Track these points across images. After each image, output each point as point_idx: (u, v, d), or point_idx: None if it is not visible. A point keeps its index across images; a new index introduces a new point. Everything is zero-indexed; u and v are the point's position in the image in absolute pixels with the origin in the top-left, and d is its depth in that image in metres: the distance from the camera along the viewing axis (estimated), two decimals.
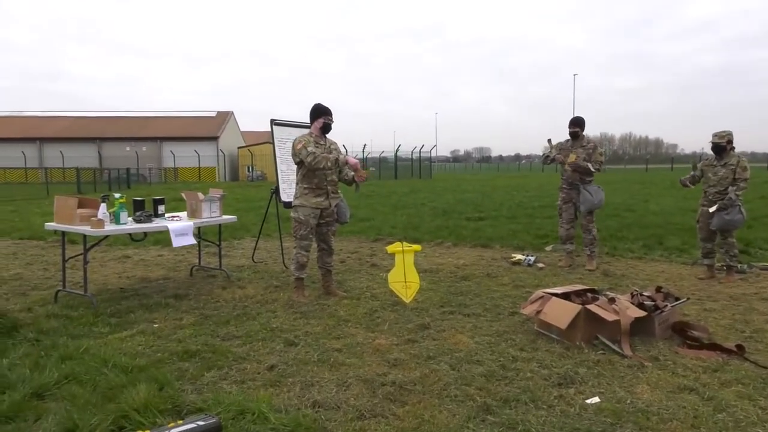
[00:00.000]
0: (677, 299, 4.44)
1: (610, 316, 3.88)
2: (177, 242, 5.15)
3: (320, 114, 5.19)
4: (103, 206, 5.01)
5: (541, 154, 7.18)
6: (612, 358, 3.64)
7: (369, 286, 5.77)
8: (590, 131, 7.32)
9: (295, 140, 5.13)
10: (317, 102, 5.27)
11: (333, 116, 5.24)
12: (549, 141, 6.79)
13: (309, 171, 5.09)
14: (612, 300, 4.12)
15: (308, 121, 5.33)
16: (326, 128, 5.22)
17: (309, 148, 4.98)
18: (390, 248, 4.88)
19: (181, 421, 2.68)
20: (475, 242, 8.50)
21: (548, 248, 7.91)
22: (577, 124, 6.68)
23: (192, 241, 5.30)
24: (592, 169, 6.48)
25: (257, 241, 7.69)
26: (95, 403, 2.95)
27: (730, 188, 5.82)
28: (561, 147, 6.76)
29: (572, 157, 6.56)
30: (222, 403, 2.93)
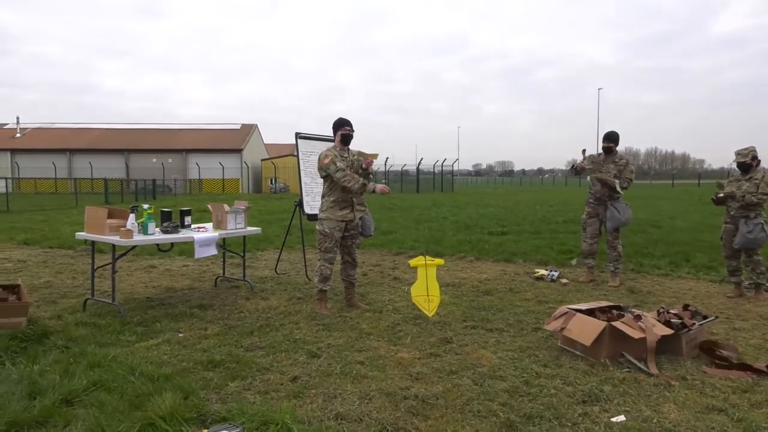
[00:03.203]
0: (705, 317, 4.35)
1: (636, 334, 3.83)
2: (199, 253, 5.22)
3: (340, 126, 5.27)
4: (132, 217, 5.09)
5: (564, 167, 7.14)
6: (638, 377, 3.58)
7: (391, 299, 5.76)
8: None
9: (321, 154, 5.19)
10: (340, 117, 5.38)
11: (352, 127, 5.30)
12: (584, 151, 6.73)
13: (335, 184, 5.13)
14: (638, 317, 4.07)
15: (331, 135, 5.42)
16: (346, 139, 5.27)
17: (338, 164, 5.05)
18: (412, 262, 4.90)
19: (206, 431, 2.72)
20: (497, 257, 8.46)
21: (572, 262, 7.84)
22: (611, 139, 6.61)
23: (214, 251, 5.34)
24: (618, 189, 6.42)
25: (280, 253, 7.73)
26: (122, 410, 3.00)
27: (747, 195, 5.73)
28: (593, 160, 6.70)
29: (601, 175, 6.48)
30: (246, 413, 2.96)
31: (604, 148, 6.65)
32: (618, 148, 6.60)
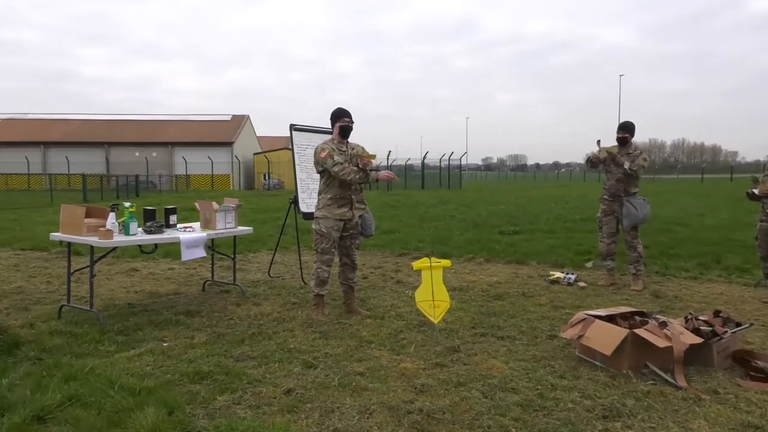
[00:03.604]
0: (738, 325, 4.33)
1: (661, 342, 3.81)
2: (187, 255, 5.23)
3: (338, 117, 5.28)
4: (112, 216, 5.08)
5: (582, 161, 7.18)
6: (664, 390, 3.57)
7: (394, 304, 5.78)
8: (637, 137, 7.21)
9: (317, 147, 5.21)
10: (338, 107, 5.39)
11: (352, 118, 5.31)
12: (598, 142, 6.74)
13: (332, 180, 5.15)
14: (663, 324, 4.05)
15: (329, 127, 5.44)
16: (345, 131, 5.28)
17: (335, 157, 5.06)
18: (417, 264, 4.89)
19: None
20: (509, 258, 8.47)
21: (588, 264, 7.86)
22: (626, 129, 6.64)
23: (202, 253, 5.37)
24: (626, 166, 6.42)
25: (274, 255, 7.74)
26: (100, 427, 2.99)
27: None
28: (607, 152, 6.70)
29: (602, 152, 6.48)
30: (236, 430, 2.96)
31: (618, 138, 6.68)
32: (641, 140, 6.79)
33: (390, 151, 39.42)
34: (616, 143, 6.74)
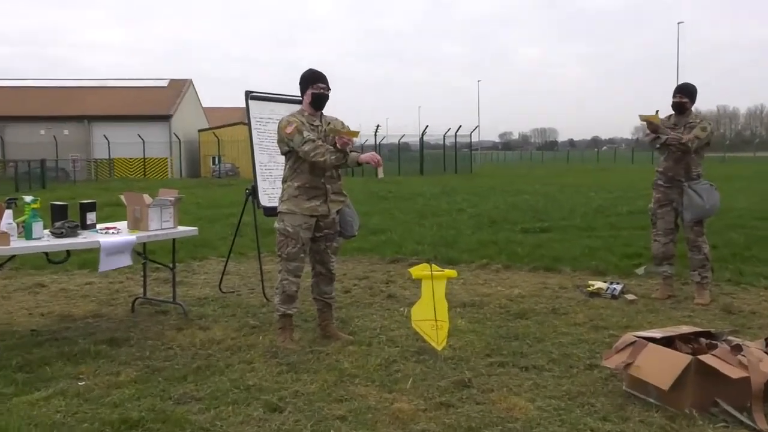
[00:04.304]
0: None
1: (734, 372, 3.81)
2: (106, 264, 5.24)
3: (310, 82, 5.28)
4: (8, 214, 5.03)
5: (630, 136, 7.20)
6: None
7: (384, 326, 5.80)
8: (701, 105, 7.28)
9: (281, 121, 5.22)
10: (309, 68, 5.37)
11: (328, 83, 5.32)
12: (656, 113, 6.76)
13: (301, 164, 5.17)
14: (737, 348, 4.05)
15: (299, 95, 5.44)
16: (318, 101, 5.29)
17: (305, 134, 5.06)
18: (414, 272, 4.90)
19: None
20: (535, 264, 8.50)
21: (639, 271, 7.91)
22: (685, 92, 6.69)
23: (129, 261, 5.38)
24: (686, 142, 6.43)
25: (226, 263, 7.67)
26: None
27: None
28: (663, 124, 6.76)
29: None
30: None
31: (674, 104, 6.74)
32: (706, 108, 6.97)
33: (378, 126, 39.32)
34: (672, 112, 6.79)
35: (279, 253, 5.26)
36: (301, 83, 5.34)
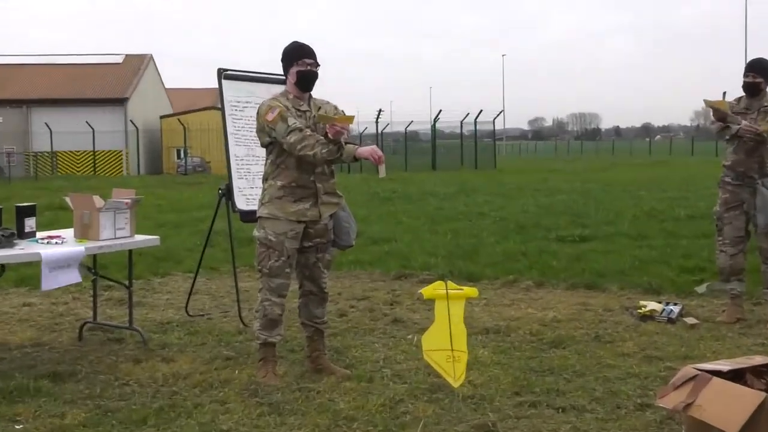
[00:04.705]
0: None
1: None
2: (49, 282, 5.23)
3: (294, 58, 5.26)
4: None
5: (689, 123, 7.17)
6: None
7: (389, 357, 5.78)
8: None
9: (261, 106, 5.21)
10: (293, 41, 5.38)
11: (317, 59, 5.31)
12: (723, 96, 6.70)
13: (286, 158, 5.15)
14: None
15: (282, 73, 5.45)
16: (305, 80, 5.26)
17: (291, 121, 5.03)
18: (426, 291, 4.78)
19: None
20: (573, 281, 8.48)
21: (700, 289, 7.85)
22: (758, 70, 6.66)
23: (74, 278, 5.38)
24: (759, 130, 6.42)
25: (195, 280, 7.64)
26: None
27: None
28: (731, 109, 6.75)
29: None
30: None
31: (745, 85, 6.74)
32: None
33: (381, 111, 39.23)
34: (742, 94, 6.80)
35: (259, 268, 5.24)
36: (283, 60, 5.33)
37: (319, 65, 5.30)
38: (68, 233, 5.91)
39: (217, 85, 6.69)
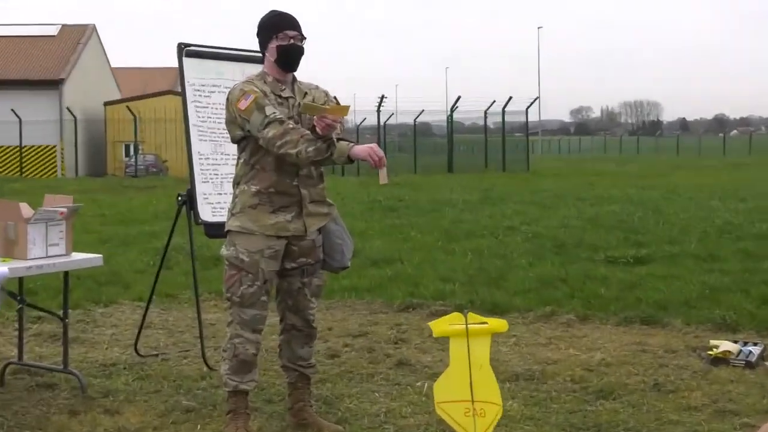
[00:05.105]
0: None
1: None
2: None
3: (272, 31, 5.19)
4: None
5: None
6: None
7: (392, 410, 5.69)
8: None
9: (233, 91, 5.14)
10: (271, 10, 5.33)
11: (302, 31, 5.25)
12: None
13: (262, 157, 5.08)
14: None
15: (258, 50, 5.39)
16: (287, 58, 5.18)
17: (268, 110, 4.94)
18: (436, 326, 4.72)
19: None
20: (627, 313, 8.37)
21: None
22: None
23: None
24: None
25: (146, 310, 7.54)
26: None
27: None
28: None
29: None
30: None
31: None
32: None
33: (383, 97, 38.96)
34: None
35: (228, 296, 5.12)
36: (259, 33, 5.26)
37: (305, 38, 5.21)
38: None
39: (177, 64, 6.66)
